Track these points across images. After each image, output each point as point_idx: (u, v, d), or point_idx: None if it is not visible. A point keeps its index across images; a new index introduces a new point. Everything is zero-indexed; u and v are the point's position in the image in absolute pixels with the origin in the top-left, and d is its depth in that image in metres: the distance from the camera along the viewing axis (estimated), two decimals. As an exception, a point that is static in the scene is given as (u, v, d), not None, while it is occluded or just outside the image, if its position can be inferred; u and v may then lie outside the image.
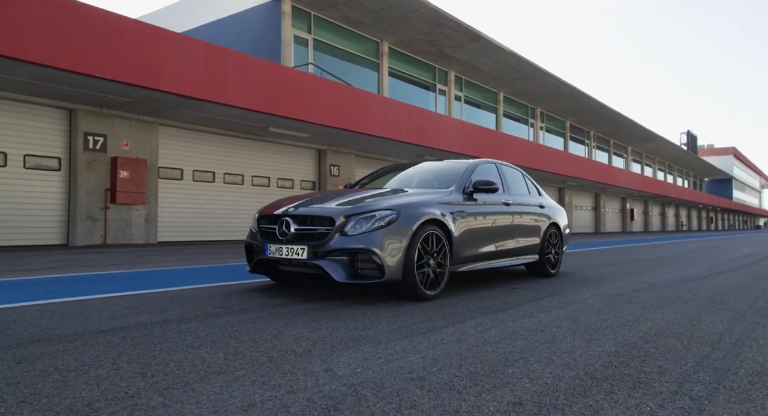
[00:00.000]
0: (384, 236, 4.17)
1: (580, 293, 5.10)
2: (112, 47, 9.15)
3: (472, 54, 20.64)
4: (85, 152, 11.24)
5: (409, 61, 20.38)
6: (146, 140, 12.22)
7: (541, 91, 26.16)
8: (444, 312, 3.91)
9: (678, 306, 4.43)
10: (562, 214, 7.04)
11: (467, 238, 5.00)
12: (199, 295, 4.47)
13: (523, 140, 24.46)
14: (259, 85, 11.45)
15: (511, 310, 4.08)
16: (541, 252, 6.39)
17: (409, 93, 20.43)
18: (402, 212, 4.34)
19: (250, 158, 14.72)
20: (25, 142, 10.65)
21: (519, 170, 6.69)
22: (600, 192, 36.64)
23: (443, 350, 2.80)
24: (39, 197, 10.87)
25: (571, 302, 4.57)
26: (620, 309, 4.21)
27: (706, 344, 3.09)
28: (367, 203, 4.41)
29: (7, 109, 10.39)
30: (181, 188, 13.22)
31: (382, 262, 4.12)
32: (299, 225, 4.38)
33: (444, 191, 5.05)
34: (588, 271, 7.43)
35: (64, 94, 10.36)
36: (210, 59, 10.59)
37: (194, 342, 2.82)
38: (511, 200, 5.91)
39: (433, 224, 4.56)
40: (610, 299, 4.74)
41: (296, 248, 4.28)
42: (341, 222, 4.23)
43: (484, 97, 25.03)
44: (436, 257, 4.57)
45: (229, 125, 13.19)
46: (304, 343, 2.87)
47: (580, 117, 32.23)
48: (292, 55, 15.65)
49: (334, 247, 4.18)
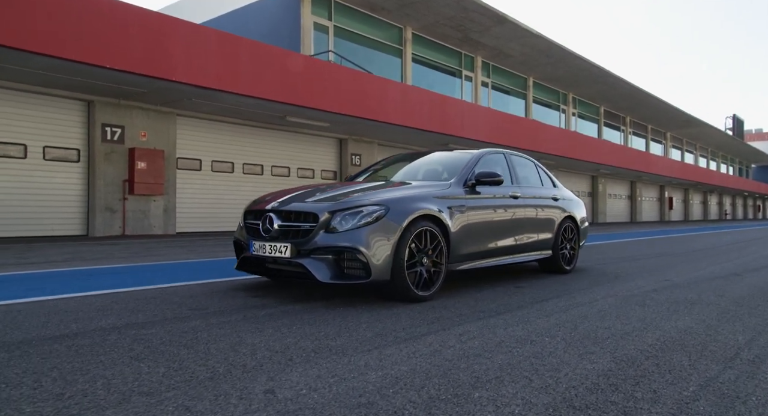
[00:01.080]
0: (371, 234, 3.89)
1: (591, 294, 4.72)
2: (120, 37, 9.06)
3: (498, 38, 19.99)
4: (103, 143, 11.28)
5: (434, 47, 19.88)
6: (164, 130, 12.20)
7: (572, 75, 25.24)
8: (432, 317, 3.62)
9: (697, 311, 4.03)
10: (580, 206, 6.61)
11: (468, 234, 4.68)
12: (181, 294, 4.29)
13: (553, 127, 23.71)
14: (274, 74, 11.24)
15: (507, 314, 3.76)
16: (555, 248, 6.00)
17: (433, 80, 19.96)
18: (391, 207, 4.05)
19: (269, 147, 14.60)
20: (44, 134, 10.74)
21: (531, 161, 6.29)
22: (636, 180, 35.41)
23: (411, 365, 2.51)
24: (59, 188, 10.97)
25: (577, 304, 4.21)
26: (630, 314, 3.84)
27: (717, 361, 2.72)
28: (353, 198, 4.13)
29: (26, 101, 10.47)
30: (200, 178, 13.20)
31: (368, 261, 3.85)
32: (283, 221, 4.14)
33: (442, 184, 4.73)
34: (608, 266, 6.99)
35: (81, 86, 10.38)
36: (223, 48, 10.42)
37: (142, 353, 2.61)
38: (520, 192, 5.54)
39: (427, 220, 4.26)
40: (623, 302, 4.35)
41: (279, 245, 4.04)
42: (325, 218, 3.97)
43: (513, 83, 24.31)
44: (430, 255, 4.27)
45: (247, 114, 13.06)
46: (260, 355, 2.62)
47: (614, 102, 31.07)
48: (311, 42, 15.39)
49: (318, 245, 3.93)
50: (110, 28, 8.93)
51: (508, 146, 18.81)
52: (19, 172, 10.45)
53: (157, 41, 9.49)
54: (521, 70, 24.20)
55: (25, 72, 9.39)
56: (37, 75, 9.58)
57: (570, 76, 25.44)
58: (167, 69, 9.55)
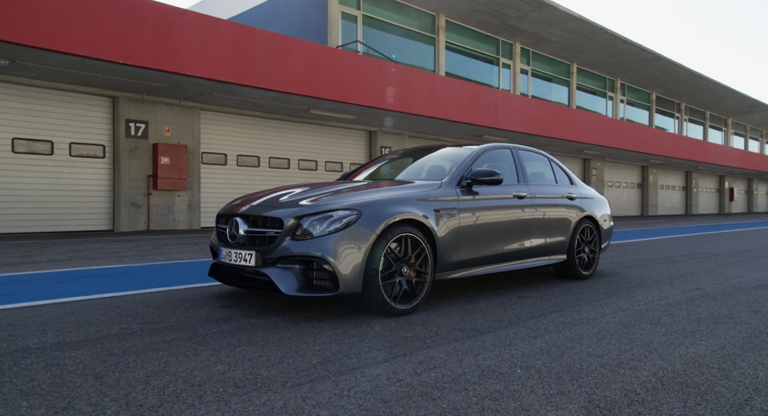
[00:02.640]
0: (339, 241, 3.52)
1: (600, 308, 4.19)
2: (130, 31, 8.97)
3: (538, 24, 19.06)
4: (127, 138, 11.33)
5: (469, 35, 19.16)
6: (188, 125, 12.17)
7: (619, 60, 23.89)
8: (400, 337, 3.22)
9: (720, 333, 3.46)
10: (601, 205, 6.00)
11: (460, 239, 4.23)
12: (148, 303, 4.05)
13: (597, 115, 22.57)
14: (293, 66, 10.97)
15: (489, 334, 3.31)
16: (570, 251, 5.45)
17: (469, 68, 19.27)
18: (364, 211, 3.65)
19: (295, 141, 14.40)
20: (70, 130, 10.87)
21: (544, 156, 5.74)
22: (692, 170, 33.47)
23: (335, 409, 2.13)
24: (86, 184, 11.11)
25: (578, 321, 3.70)
26: (635, 337, 3.32)
27: (720, 409, 2.21)
28: (323, 202, 3.76)
29: (53, 98, 10.61)
30: (225, 173, 13.14)
31: (336, 272, 3.48)
32: (250, 227, 3.82)
33: (430, 184, 4.29)
34: (634, 270, 6.35)
35: (103, 82, 10.42)
36: (237, 40, 10.22)
37: (37, 387, 2.33)
38: (527, 191, 5.02)
39: (408, 225, 3.84)
40: (633, 318, 3.81)
41: (245, 253, 3.73)
42: (291, 224, 3.62)
43: (555, 70, 23.23)
44: (412, 264, 3.86)
45: (271, 108, 12.88)
46: (171, 390, 2.30)
47: (667, 88, 29.33)
48: (339, 33, 15.05)
49: (283, 253, 3.59)
50: (119, 21, 8.85)
51: (547, 136, 17.97)
52: (47, 168, 10.62)
53: (167, 34, 9.36)
54: (563, 57, 23.10)
55: (50, 70, 9.47)
56: (60, 73, 9.64)
57: (617, 62, 24.11)
58: (177, 62, 9.42)
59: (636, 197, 29.45)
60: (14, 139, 10.26)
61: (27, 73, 9.67)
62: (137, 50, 8.99)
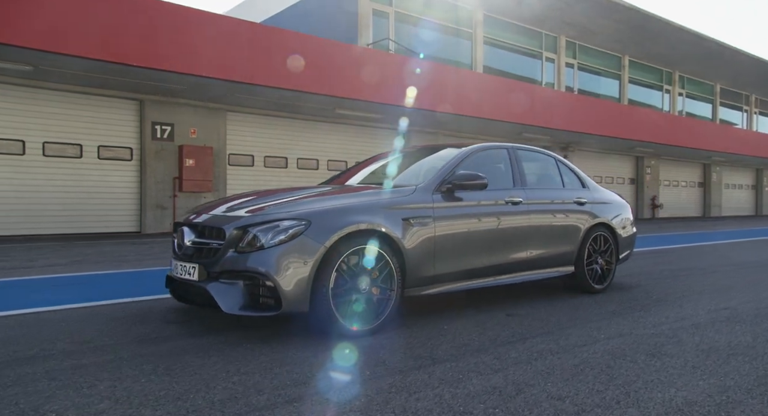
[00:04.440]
0: (283, 255, 3.17)
1: (597, 331, 3.63)
2: (144, 33, 8.95)
3: (584, 15, 18.06)
4: (153, 141, 11.43)
5: (509, 28, 18.39)
6: (213, 127, 12.16)
7: (677, 51, 22.38)
8: (339, 367, 2.83)
9: (730, 369, 2.87)
10: (619, 210, 5.36)
11: (435, 251, 3.78)
12: (98, 316, 3.83)
13: (649, 111, 21.23)
14: (312, 65, 10.72)
15: (444, 365, 2.86)
16: (579, 262, 4.87)
17: (509, 63, 18.51)
18: (313, 221, 3.28)
19: (323, 141, 14.18)
20: (98, 133, 11.05)
21: (549, 156, 5.17)
22: (763, 168, 31.07)
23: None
24: (114, 186, 11.27)
25: (561, 349, 3.19)
26: (620, 372, 2.78)
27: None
28: (271, 210, 3.40)
29: (81, 102, 10.81)
30: (252, 174, 13.08)
31: (278, 289, 3.14)
32: (197, 237, 3.52)
33: (402, 190, 3.85)
34: (661, 282, 5.66)
35: (129, 85, 10.52)
36: (254, 40, 10.06)
37: None
38: (524, 196, 4.49)
39: (368, 236, 3.44)
40: (630, 346, 3.25)
41: (188, 266, 3.43)
42: (234, 235, 3.29)
43: (604, 63, 22.02)
44: (375, 279, 3.45)
45: (296, 108, 12.71)
46: (25, 431, 2.01)
47: (733, 79, 27.31)
48: (370, 31, 14.72)
49: (225, 267, 3.28)
50: (132, 23, 8.85)
51: (592, 134, 16.98)
52: (76, 171, 10.84)
53: (181, 35, 9.30)
54: (614, 49, 21.86)
55: (73, 75, 9.62)
56: (82, 77, 9.79)
57: (674, 53, 22.61)
58: (192, 64, 9.35)
59: (697, 196, 27.60)
60: (45, 143, 10.52)
61: (52, 78, 9.86)
62: (152, 52, 8.97)
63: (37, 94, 10.32)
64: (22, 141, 10.32)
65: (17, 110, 10.18)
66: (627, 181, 23.58)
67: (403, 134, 15.58)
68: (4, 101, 10.02)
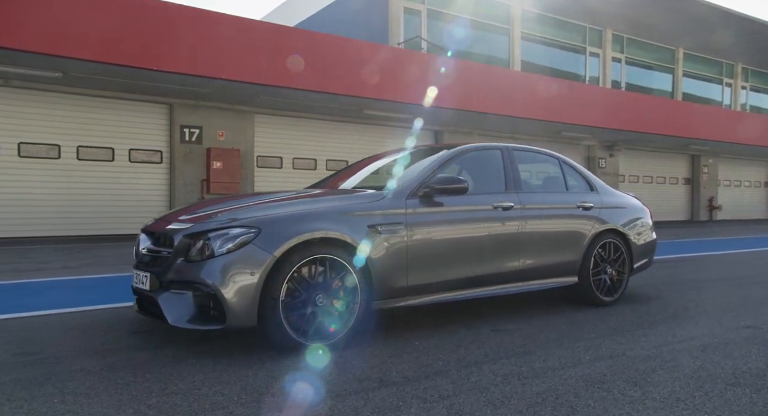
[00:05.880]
0: (229, 265, 2.98)
1: (584, 352, 3.25)
2: (164, 37, 9.04)
3: (632, 7, 17.12)
4: (182, 144, 11.59)
5: (550, 23, 17.67)
6: (241, 129, 12.22)
7: (740, 42, 20.85)
8: (269, 389, 2.61)
9: (721, 404, 2.46)
10: (634, 214, 4.88)
11: (408, 260, 3.51)
12: (64, 324, 3.77)
13: (705, 106, 19.91)
14: (336, 66, 10.57)
15: (386, 390, 2.59)
16: (584, 273, 4.46)
17: (550, 59, 17.80)
18: (264, 229, 3.08)
19: (353, 142, 14.02)
20: (129, 137, 11.29)
21: (554, 158, 4.75)
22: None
23: None
24: (144, 188, 11.50)
25: (530, 373, 2.84)
26: (584, 404, 2.43)
27: None
28: (221, 217, 3.22)
29: (113, 107, 11.06)
30: (281, 176, 13.07)
31: (222, 301, 2.95)
32: (152, 245, 3.39)
33: (372, 195, 3.59)
34: (685, 294, 5.13)
35: (157, 90, 10.70)
36: (274, 42, 10.00)
37: None
38: (517, 201, 4.12)
39: (327, 245, 3.21)
40: (613, 372, 2.87)
41: (141, 274, 3.30)
42: (183, 243, 3.14)
43: (655, 56, 20.83)
44: (335, 291, 3.22)
45: (324, 109, 12.60)
46: None
47: (806, 70, 25.27)
48: (401, 29, 14.45)
49: (173, 277, 3.12)
50: (153, 28, 8.96)
51: (637, 132, 16.05)
52: (108, 174, 11.12)
53: (201, 38, 9.34)
54: (666, 41, 20.65)
55: (100, 80, 9.86)
56: (109, 82, 10.02)
57: (735, 44, 21.11)
58: (211, 67, 9.38)
59: (762, 197, 25.73)
60: (79, 147, 10.85)
61: (81, 83, 10.14)
62: (172, 56, 9.06)
63: (70, 100, 10.64)
64: (58, 145, 10.67)
65: (53, 116, 10.53)
66: (681, 181, 22.25)
67: (436, 133, 15.23)
68: (40, 107, 10.39)
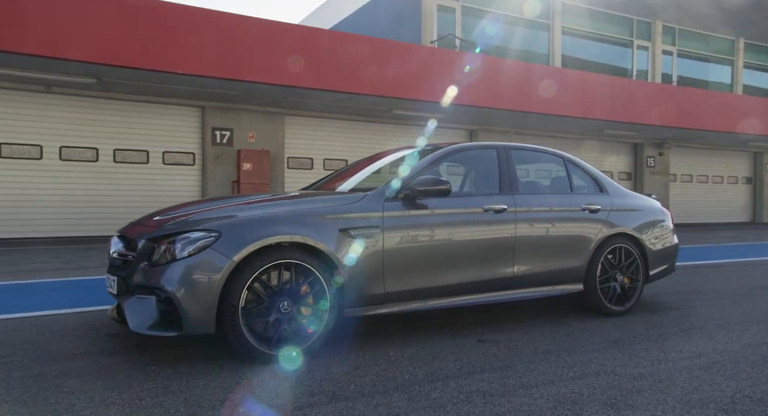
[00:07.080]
0: (187, 270, 2.89)
1: (569, 367, 2.97)
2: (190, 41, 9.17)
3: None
4: (213, 146, 11.77)
5: (593, 16, 16.95)
6: (272, 131, 12.31)
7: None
8: (211, 401, 2.49)
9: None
10: (651, 217, 4.49)
11: (384, 266, 3.32)
12: (45, 326, 3.79)
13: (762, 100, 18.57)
14: (361, 66, 10.46)
15: (333, 406, 2.42)
16: (590, 280, 4.13)
17: (593, 54, 17.08)
18: (224, 233, 2.97)
19: (385, 143, 13.84)
20: (163, 140, 11.57)
21: (558, 156, 4.41)
22: None
23: None
24: (178, 190, 11.76)
25: (500, 391, 2.61)
26: (541, 432, 2.19)
27: None
28: (182, 221, 3.14)
29: (147, 110, 11.36)
30: (312, 177, 13.04)
31: (179, 307, 2.86)
32: (122, 248, 3.35)
33: (347, 197, 3.42)
34: (709, 304, 4.68)
35: (189, 93, 10.91)
36: (302, 43, 9.99)
37: None
38: (511, 203, 3.84)
39: (293, 250, 3.07)
40: (594, 391, 2.59)
41: (110, 278, 3.26)
42: (145, 247, 3.07)
43: (712, 48, 19.65)
44: (302, 297, 3.08)
45: (354, 110, 12.53)
46: None
47: None
48: (434, 27, 14.20)
49: (138, 281, 3.06)
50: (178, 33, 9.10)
51: (685, 128, 15.14)
52: (143, 176, 11.43)
53: (228, 41, 9.43)
54: (724, 32, 19.44)
55: (133, 84, 10.14)
56: (144, 86, 10.28)
57: (801, 32, 19.66)
58: (237, 69, 9.45)
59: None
60: (115, 150, 11.20)
61: (116, 88, 10.45)
62: (199, 61, 9.19)
63: (105, 105, 11.00)
64: (96, 149, 11.05)
65: (89, 120, 10.91)
66: (741, 180, 20.91)
67: (471, 133, 14.88)
68: (76, 112, 10.78)
